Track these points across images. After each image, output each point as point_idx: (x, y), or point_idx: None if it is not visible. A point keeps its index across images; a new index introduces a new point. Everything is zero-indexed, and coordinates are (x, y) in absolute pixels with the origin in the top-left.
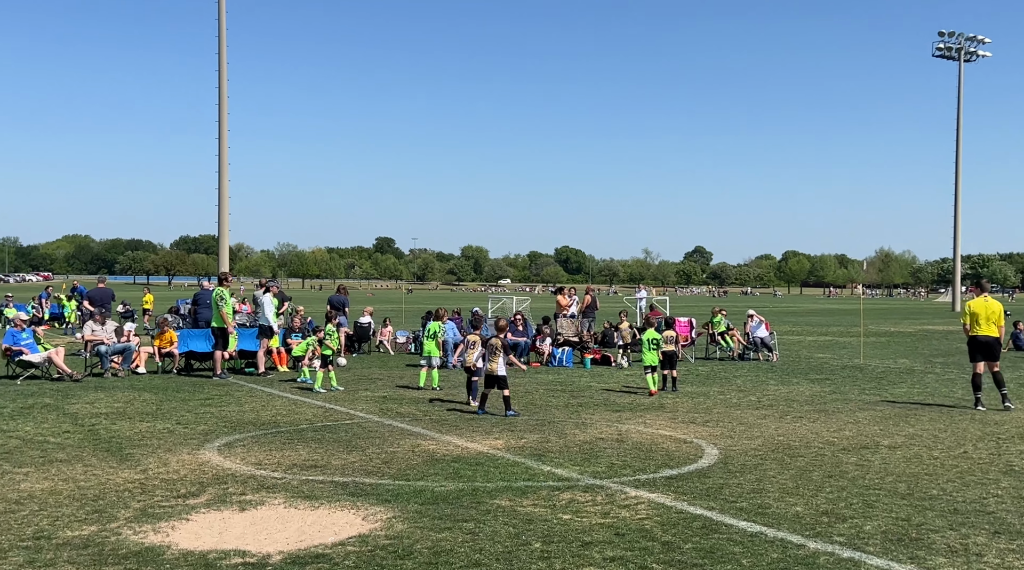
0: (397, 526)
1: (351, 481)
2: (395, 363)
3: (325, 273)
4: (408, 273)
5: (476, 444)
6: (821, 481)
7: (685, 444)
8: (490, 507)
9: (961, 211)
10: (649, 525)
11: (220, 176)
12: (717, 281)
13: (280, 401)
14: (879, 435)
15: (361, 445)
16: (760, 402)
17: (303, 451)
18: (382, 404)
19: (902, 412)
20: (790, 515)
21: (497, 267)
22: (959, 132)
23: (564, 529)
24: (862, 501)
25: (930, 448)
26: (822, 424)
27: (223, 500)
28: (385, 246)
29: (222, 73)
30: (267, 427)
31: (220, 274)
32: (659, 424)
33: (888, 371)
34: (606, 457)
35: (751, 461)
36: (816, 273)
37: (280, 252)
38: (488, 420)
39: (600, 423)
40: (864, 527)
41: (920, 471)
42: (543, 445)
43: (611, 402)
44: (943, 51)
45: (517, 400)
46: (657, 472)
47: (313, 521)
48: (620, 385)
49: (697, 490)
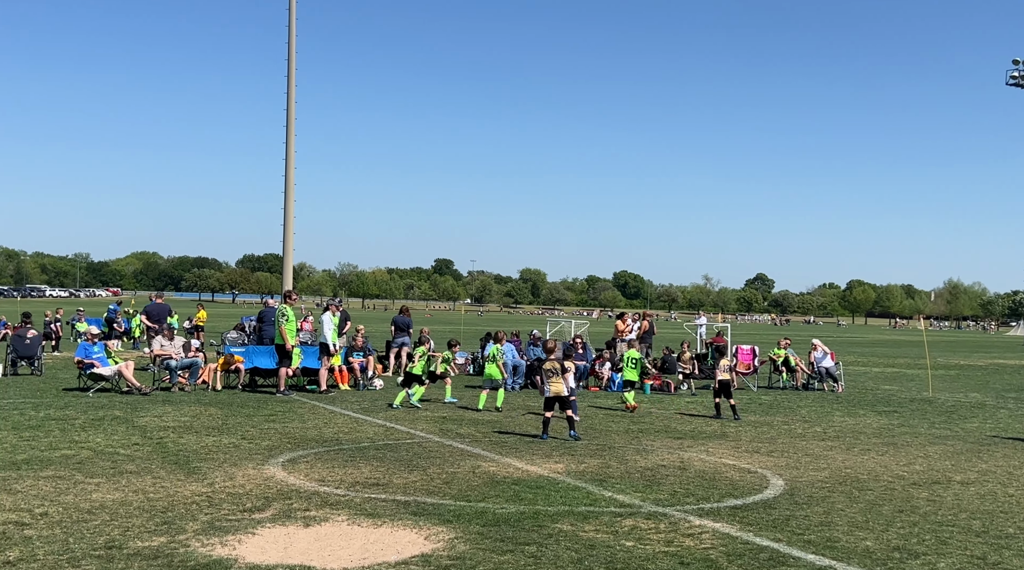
0: (459, 547)
1: (413, 500)
2: (454, 385)
3: (385, 293)
4: (466, 295)
5: (536, 467)
6: (891, 515)
7: (749, 474)
8: (552, 531)
9: None
10: (714, 555)
11: (286, 196)
12: (779, 309)
13: (342, 419)
14: (951, 470)
15: (422, 465)
16: (826, 433)
17: (365, 469)
18: (442, 424)
19: (974, 447)
20: (860, 550)
21: (555, 291)
22: None
23: (627, 556)
24: (935, 537)
25: (1005, 485)
26: (891, 457)
27: (288, 515)
28: (444, 268)
29: (290, 96)
30: (329, 444)
31: (284, 292)
32: (722, 453)
33: (958, 405)
34: (668, 484)
35: (818, 493)
36: (882, 303)
37: (341, 272)
38: (548, 444)
39: (661, 450)
40: (938, 565)
41: (995, 508)
42: (604, 470)
43: (672, 429)
44: (1017, 79)
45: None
46: (721, 501)
47: (376, 539)
48: (679, 412)
49: (763, 521)
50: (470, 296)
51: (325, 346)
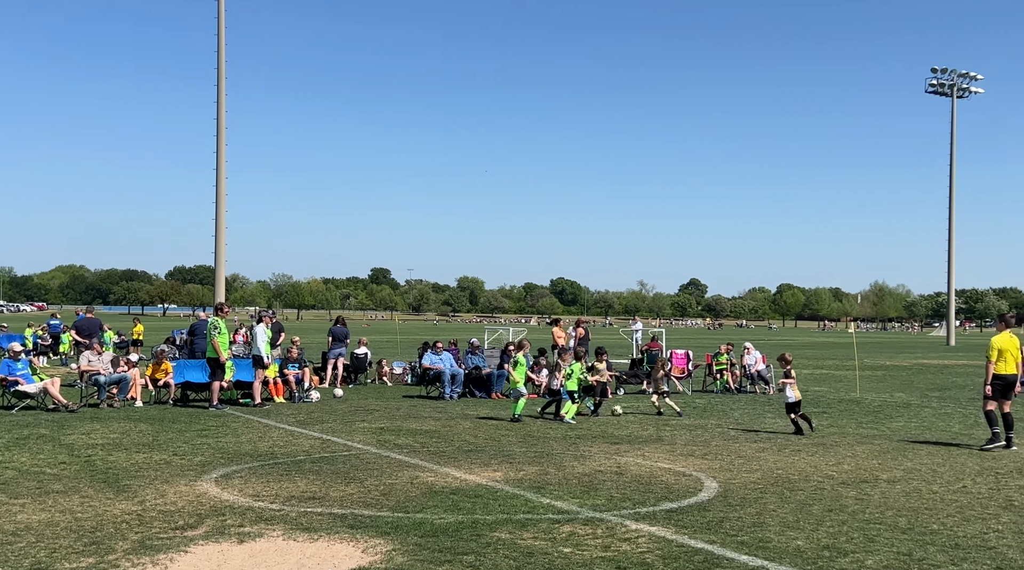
0: (397, 558)
1: (350, 513)
2: (392, 394)
3: (320, 304)
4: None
5: (475, 476)
6: (821, 515)
7: (684, 477)
8: (490, 540)
9: (955, 246)
10: (650, 558)
11: (217, 207)
12: (712, 313)
13: (277, 432)
14: (878, 469)
15: (359, 477)
16: (758, 435)
17: (301, 483)
18: (380, 435)
19: (900, 446)
20: (791, 549)
21: (493, 298)
22: (952, 167)
23: (565, 562)
24: (863, 535)
25: (929, 482)
26: (820, 458)
27: (221, 532)
28: (380, 277)
29: (220, 105)
30: (264, 458)
31: (216, 304)
32: (658, 457)
33: (885, 405)
34: (606, 490)
35: (751, 494)
36: (811, 306)
37: (275, 283)
38: (486, 452)
39: (599, 455)
40: (866, 562)
41: (920, 505)
42: (542, 477)
43: (609, 434)
44: (936, 87)
45: (514, 432)
46: (657, 505)
47: (312, 553)
48: (617, 417)
49: (698, 523)
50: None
51: (259, 358)
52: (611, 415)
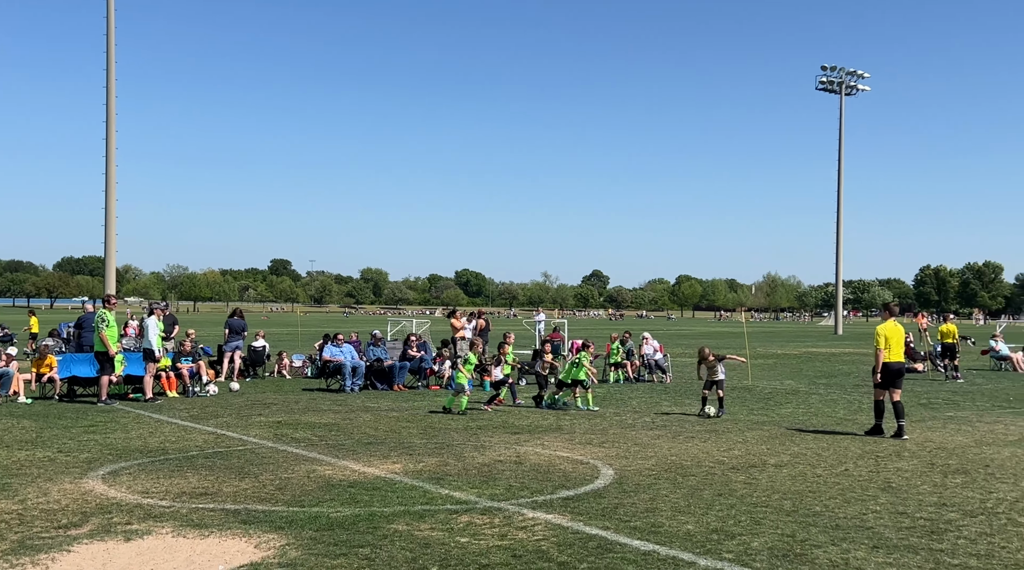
0: (291, 553)
1: (243, 508)
2: (291, 388)
3: (218, 296)
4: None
5: (373, 469)
6: (711, 499)
7: (582, 465)
8: (387, 532)
9: (843, 238)
10: (546, 546)
11: (107, 196)
12: (614, 304)
13: (169, 427)
14: (766, 454)
15: (254, 471)
16: (654, 423)
17: (193, 478)
18: (277, 429)
19: (788, 432)
20: (682, 533)
21: (397, 290)
22: (840, 163)
23: (461, 552)
24: (750, 518)
25: (814, 466)
26: (713, 444)
27: (107, 530)
28: (281, 268)
29: (110, 91)
30: (155, 454)
31: (104, 296)
32: (557, 446)
33: (775, 392)
34: (504, 479)
35: (645, 481)
36: (708, 297)
37: (170, 274)
38: (385, 444)
39: (499, 445)
40: (752, 543)
41: (804, 489)
42: (441, 468)
43: (510, 424)
44: (825, 84)
45: (416, 424)
46: (554, 493)
47: (203, 550)
48: (519, 407)
49: (593, 510)
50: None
51: (150, 352)
52: (705, 416)
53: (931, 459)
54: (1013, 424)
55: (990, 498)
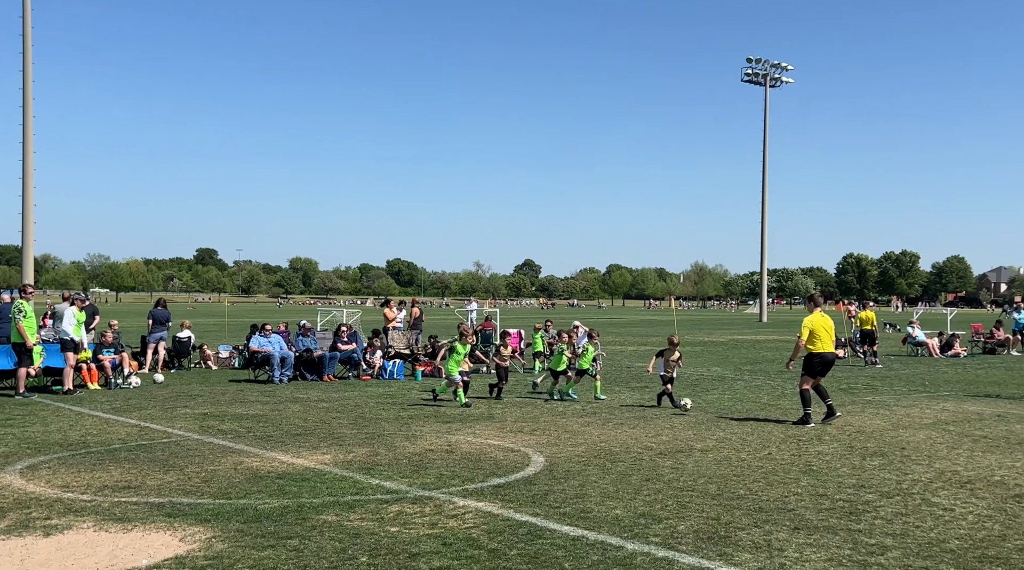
0: (217, 546)
1: (168, 501)
2: (218, 379)
3: (141, 286)
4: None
5: (303, 460)
6: (639, 484)
7: (513, 453)
8: (316, 523)
9: (768, 228)
10: (476, 534)
11: (24, 183)
12: (546, 293)
13: (90, 420)
14: (693, 439)
15: (179, 464)
16: (584, 410)
17: (115, 472)
18: (203, 421)
19: (714, 417)
20: (610, 518)
21: (327, 279)
22: (765, 153)
23: (391, 541)
24: (676, 502)
25: (738, 450)
26: (641, 430)
27: (25, 526)
28: (207, 257)
29: (26, 74)
30: (76, 448)
31: (21, 285)
32: (488, 434)
33: (702, 378)
34: (435, 468)
35: (575, 467)
36: (638, 286)
37: (91, 263)
38: (315, 435)
39: (430, 435)
40: (678, 527)
41: (729, 472)
42: (372, 458)
43: (441, 414)
44: (751, 76)
45: (346, 414)
46: (485, 481)
47: (126, 544)
48: (451, 397)
49: (523, 497)
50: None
51: (67, 342)
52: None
53: (850, 442)
54: (928, 408)
55: (906, 479)
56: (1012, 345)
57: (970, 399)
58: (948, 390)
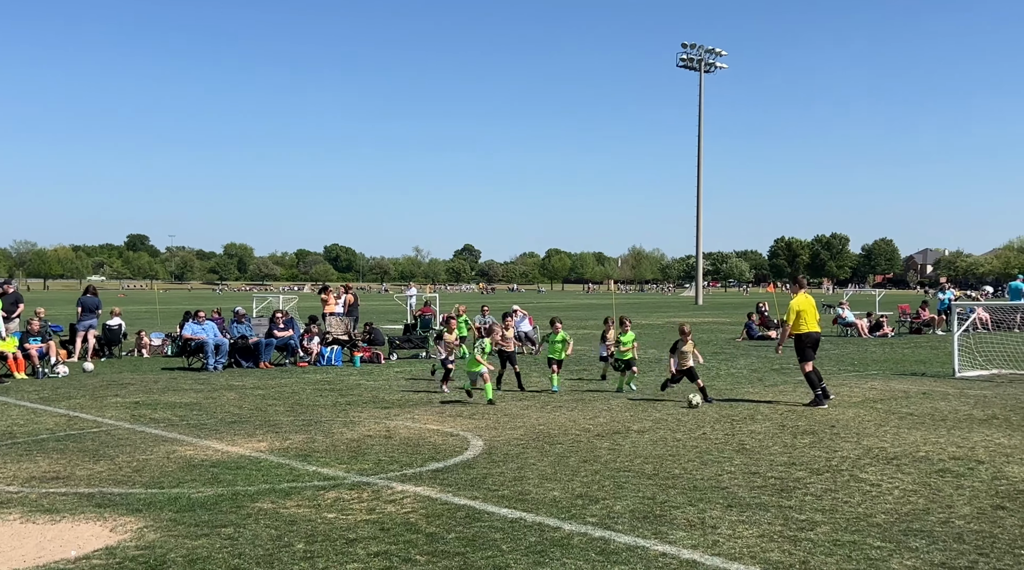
0: (149, 536)
1: (98, 492)
2: (150, 367)
3: (70, 273)
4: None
5: (238, 448)
6: (577, 466)
7: (452, 437)
8: (251, 511)
9: (703, 211)
10: (414, 518)
11: None
12: (486, 278)
13: (17, 410)
14: (630, 420)
15: (110, 454)
16: (523, 394)
17: (43, 462)
18: (134, 410)
19: (650, 399)
20: (548, 500)
21: (263, 265)
22: (700, 138)
23: (328, 528)
24: (613, 483)
25: (674, 431)
26: (579, 412)
27: None
28: (138, 243)
29: None
30: (1, 439)
31: None
32: (427, 419)
33: (639, 361)
34: (374, 454)
35: (514, 450)
36: (577, 270)
37: (17, 250)
38: (251, 423)
39: (368, 421)
40: (615, 507)
41: (665, 452)
42: (309, 445)
43: (380, 399)
44: (686, 62)
45: (283, 401)
46: (424, 466)
47: (54, 536)
48: (390, 383)
49: (462, 481)
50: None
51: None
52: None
53: (782, 421)
54: (857, 387)
55: (835, 456)
56: (938, 325)
57: (897, 377)
58: (876, 369)
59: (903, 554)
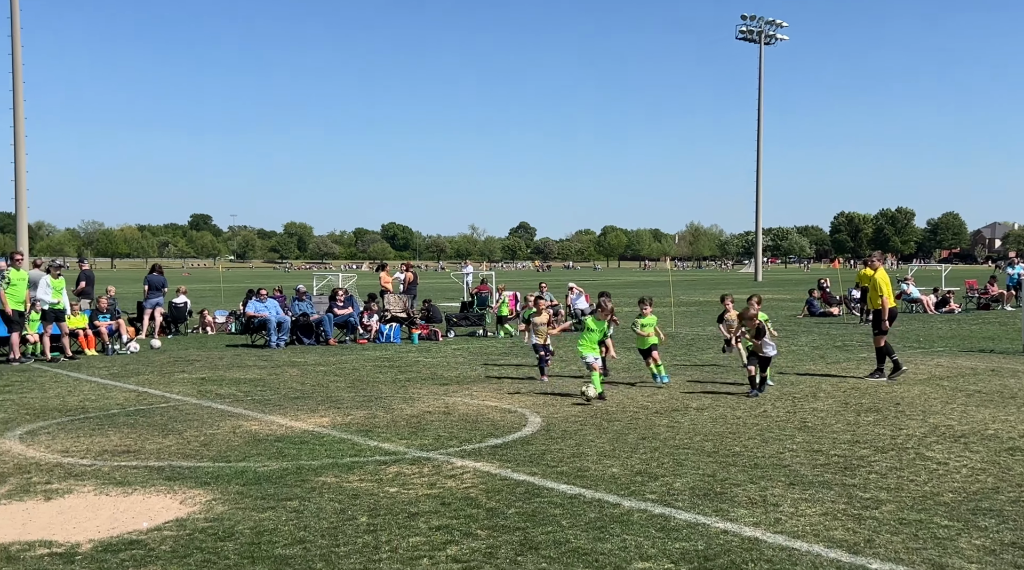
0: (217, 508)
1: (167, 465)
2: (215, 344)
3: (136, 252)
4: (227, 251)
5: (301, 423)
6: (636, 443)
7: (510, 414)
8: (315, 485)
9: (763, 186)
10: (474, 493)
11: (16, 149)
12: (541, 256)
13: (88, 386)
14: (688, 398)
15: (178, 428)
16: (581, 370)
17: (114, 436)
18: (201, 386)
19: (709, 375)
20: (607, 476)
21: (322, 244)
22: (760, 111)
23: (390, 502)
24: (673, 460)
25: (734, 409)
26: (636, 390)
27: (26, 490)
28: (201, 223)
29: (15, 38)
30: (74, 413)
31: (9, 253)
32: (485, 396)
33: (697, 338)
34: (433, 430)
35: (571, 427)
36: (633, 247)
37: (85, 230)
38: (313, 399)
39: (427, 397)
40: (674, 484)
41: (725, 430)
42: (370, 421)
43: (438, 376)
44: (746, 34)
45: (343, 377)
46: (483, 442)
47: (126, 507)
48: (447, 359)
49: (520, 457)
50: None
51: (49, 312)
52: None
53: (845, 399)
54: (922, 364)
55: (900, 434)
56: (1006, 300)
57: (964, 354)
58: (942, 346)
59: (972, 533)
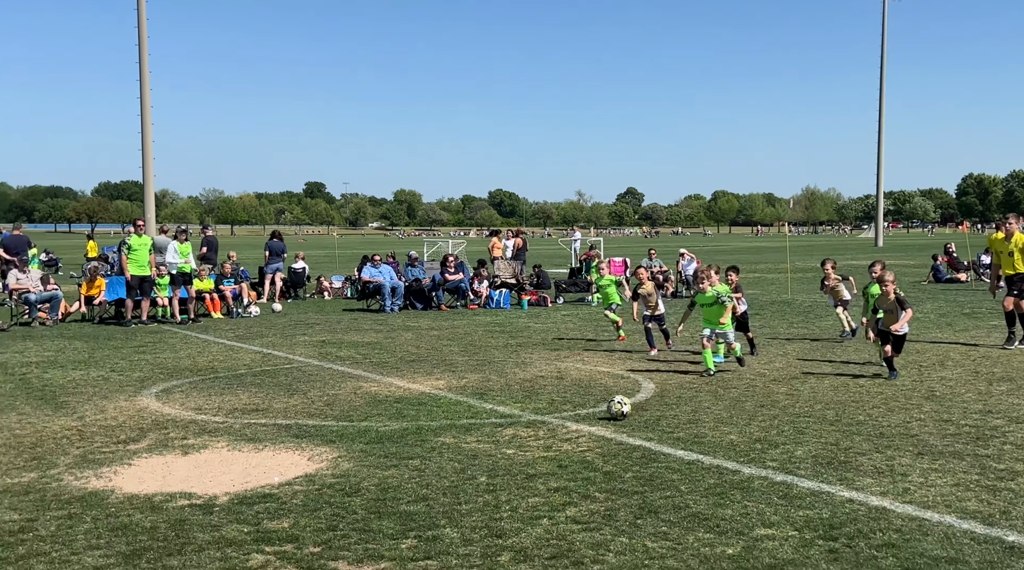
0: (343, 465)
1: (294, 423)
2: (332, 308)
3: (254, 219)
4: (340, 218)
5: (418, 385)
6: (753, 410)
7: (623, 379)
8: (435, 445)
9: (884, 149)
10: (591, 457)
11: (143, 120)
12: (649, 222)
13: (216, 347)
14: (807, 366)
15: (302, 388)
16: (693, 337)
17: (243, 396)
18: (321, 348)
19: (828, 344)
20: (725, 443)
21: (431, 211)
22: (883, 70)
23: (508, 463)
24: (793, 428)
25: (855, 377)
26: (753, 357)
27: (164, 445)
28: (315, 191)
29: (141, 14)
30: (205, 373)
31: (133, 220)
32: (596, 361)
33: (814, 305)
34: (547, 394)
35: (687, 394)
36: (745, 212)
37: (207, 198)
38: (428, 362)
39: (539, 362)
40: (796, 452)
41: (847, 398)
42: (484, 384)
43: (549, 341)
44: None
45: (456, 342)
46: (596, 407)
47: (258, 463)
48: (557, 325)
49: (636, 422)
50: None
51: (178, 276)
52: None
53: (975, 368)
54: None
55: None
56: None
57: None
58: None
59: None
